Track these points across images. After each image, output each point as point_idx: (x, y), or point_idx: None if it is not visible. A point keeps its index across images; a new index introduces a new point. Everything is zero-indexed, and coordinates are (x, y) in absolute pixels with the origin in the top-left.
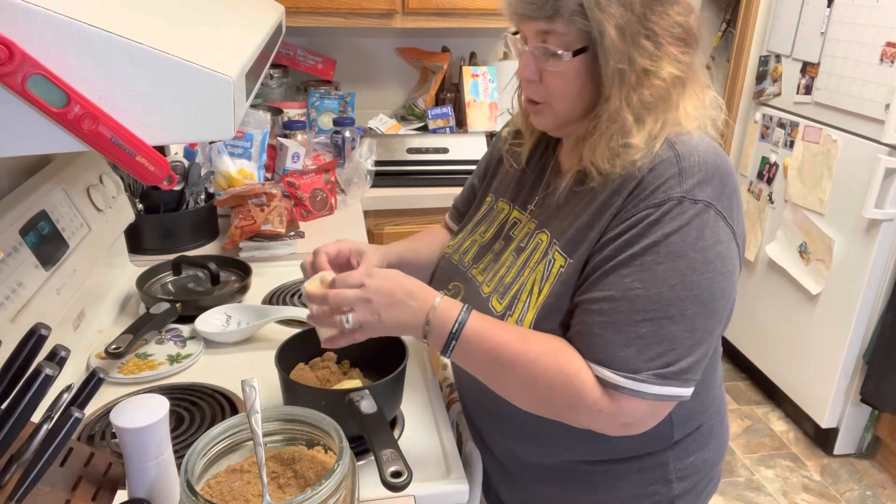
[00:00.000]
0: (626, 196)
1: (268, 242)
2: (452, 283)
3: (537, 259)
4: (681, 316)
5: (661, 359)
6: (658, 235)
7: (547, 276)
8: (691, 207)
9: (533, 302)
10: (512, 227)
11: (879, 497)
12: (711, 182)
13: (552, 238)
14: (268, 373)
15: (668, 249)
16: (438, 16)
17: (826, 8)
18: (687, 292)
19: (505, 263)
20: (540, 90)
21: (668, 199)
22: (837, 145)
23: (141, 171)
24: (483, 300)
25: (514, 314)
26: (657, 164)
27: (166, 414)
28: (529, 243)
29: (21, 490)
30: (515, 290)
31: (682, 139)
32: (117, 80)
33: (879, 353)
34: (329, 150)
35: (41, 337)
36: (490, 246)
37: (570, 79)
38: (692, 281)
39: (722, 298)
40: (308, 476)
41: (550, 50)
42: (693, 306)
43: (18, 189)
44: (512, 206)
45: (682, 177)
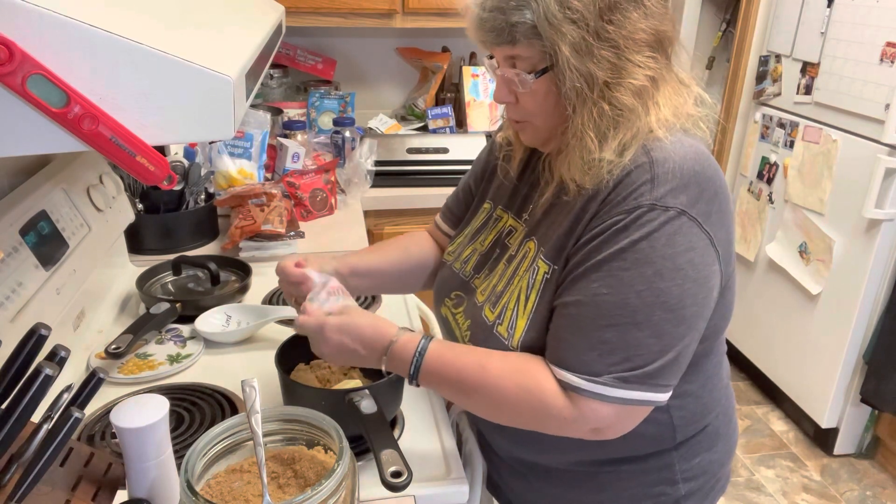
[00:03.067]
0: (601, 202)
1: (268, 242)
2: (454, 293)
3: (525, 267)
4: (647, 322)
5: (625, 363)
6: (626, 242)
7: (532, 283)
8: (662, 214)
9: (521, 310)
10: (508, 236)
11: (879, 497)
12: (687, 188)
13: (539, 246)
14: (268, 373)
15: (635, 256)
16: (438, 16)
17: (826, 8)
18: (654, 298)
19: (498, 272)
20: (518, 110)
21: (638, 206)
22: (837, 145)
23: (141, 171)
24: (478, 309)
25: (504, 322)
26: (631, 170)
27: (166, 414)
28: (519, 251)
29: (21, 490)
30: (506, 299)
31: (658, 145)
32: (117, 80)
33: (879, 353)
34: (329, 150)
35: (41, 337)
36: (490, 254)
37: (540, 98)
38: (659, 288)
39: (693, 305)
40: (308, 476)
41: (516, 73)
42: (660, 312)
43: (18, 189)
44: (509, 214)
45: (654, 183)
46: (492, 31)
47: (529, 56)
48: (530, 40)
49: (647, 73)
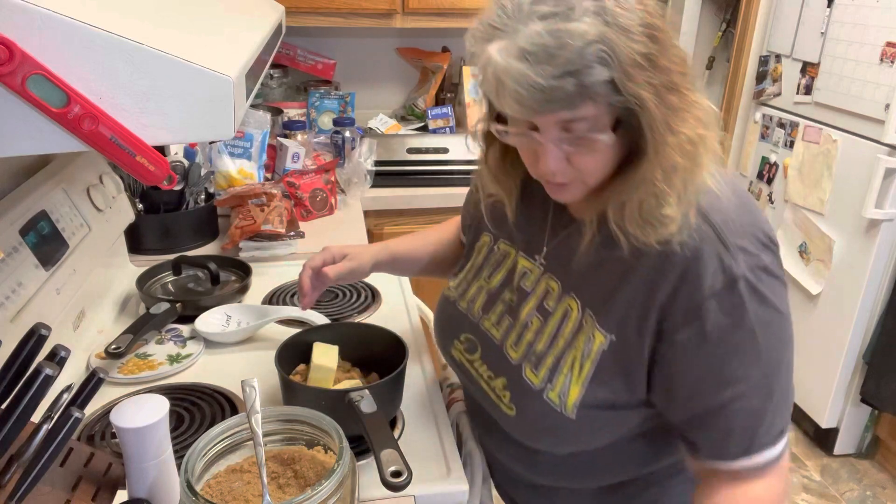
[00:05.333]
0: (676, 282)
1: (268, 242)
2: (464, 336)
3: (571, 330)
4: (787, 365)
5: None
6: (748, 318)
7: (588, 352)
8: (753, 277)
9: (575, 377)
10: (522, 278)
11: (879, 497)
12: (754, 243)
13: (584, 307)
14: (268, 373)
15: (761, 324)
16: (438, 16)
17: (826, 8)
18: (786, 344)
19: (530, 326)
20: (568, 173)
21: (732, 279)
22: (837, 145)
23: (141, 171)
24: (512, 367)
25: (556, 388)
26: (699, 244)
27: (166, 414)
28: (557, 308)
29: (21, 490)
30: (552, 363)
31: (712, 205)
32: (117, 79)
33: (879, 353)
34: (329, 150)
35: (41, 337)
36: (499, 294)
37: (606, 155)
38: (786, 333)
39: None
40: (308, 476)
41: (585, 137)
42: (788, 351)
43: (18, 189)
44: (515, 250)
45: (730, 250)
46: (550, 100)
47: (596, 115)
48: (603, 97)
49: (699, 115)
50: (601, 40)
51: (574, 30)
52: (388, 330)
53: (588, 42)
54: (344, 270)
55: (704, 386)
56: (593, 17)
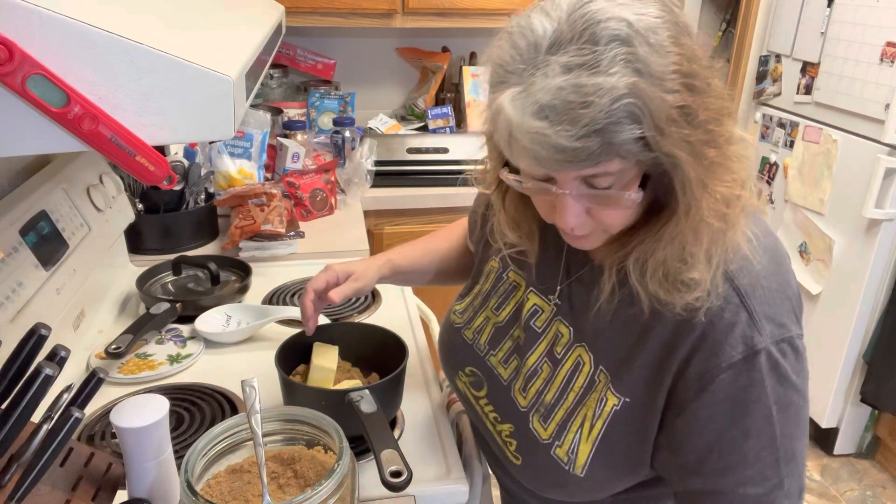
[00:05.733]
0: (692, 347)
1: (268, 242)
2: (469, 369)
3: (582, 385)
4: (801, 452)
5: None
6: (765, 398)
7: (600, 413)
8: (777, 351)
9: (585, 435)
10: (532, 317)
11: (879, 497)
12: (783, 313)
13: (597, 363)
14: (268, 373)
15: (779, 405)
16: (438, 16)
17: (826, 8)
18: (801, 429)
19: (540, 374)
20: (588, 225)
21: (753, 352)
22: (837, 145)
23: (141, 171)
24: (520, 413)
25: (564, 445)
26: (722, 308)
27: (166, 414)
28: (567, 357)
29: (21, 490)
30: (562, 417)
31: (741, 267)
32: (117, 79)
33: (879, 353)
34: (329, 150)
35: (41, 337)
36: (508, 331)
37: (631, 210)
38: (802, 417)
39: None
40: (308, 476)
41: (606, 197)
42: (804, 437)
43: (18, 189)
44: (526, 284)
45: (753, 319)
46: (572, 161)
47: (621, 169)
48: (629, 156)
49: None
50: (632, 93)
51: (602, 84)
52: (388, 330)
53: (617, 97)
54: (350, 292)
55: (710, 463)
56: (623, 66)
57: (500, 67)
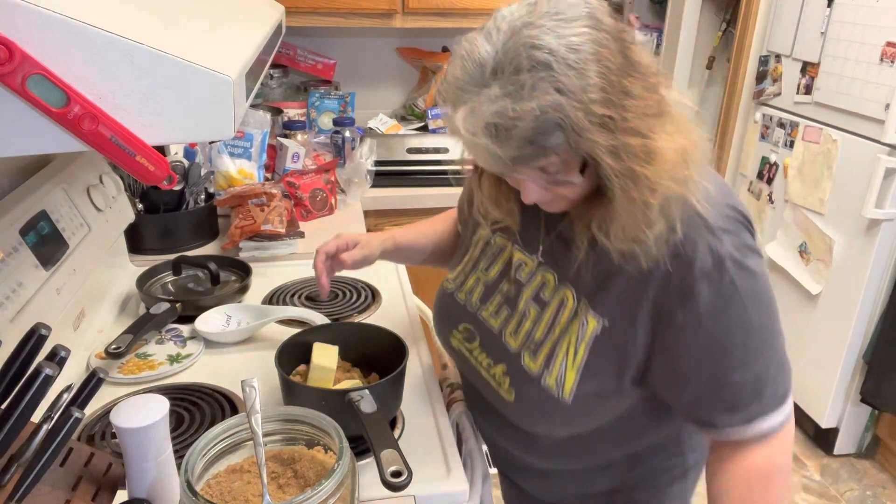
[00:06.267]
0: (667, 268)
1: (268, 242)
2: (463, 326)
3: (567, 318)
4: (778, 331)
5: (787, 377)
6: (738, 294)
7: (582, 336)
8: (739, 255)
9: (570, 363)
10: (518, 270)
11: (879, 497)
12: (734, 224)
13: (578, 296)
14: (268, 373)
15: (749, 298)
16: (438, 16)
17: (826, 8)
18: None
19: (528, 316)
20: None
21: (719, 259)
22: (837, 145)
23: (141, 171)
24: (511, 354)
25: (553, 373)
26: (686, 227)
27: (166, 414)
28: (553, 298)
29: (21, 490)
30: (549, 349)
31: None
32: (117, 79)
33: (879, 353)
34: (329, 150)
35: (41, 337)
36: (497, 286)
37: (582, 186)
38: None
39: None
40: (308, 476)
41: (556, 179)
42: (777, 320)
43: (18, 189)
44: (511, 244)
45: (714, 233)
46: (516, 163)
47: (561, 161)
48: (565, 151)
49: (674, 147)
50: (554, 109)
51: (525, 108)
52: (388, 330)
53: (539, 115)
54: (358, 257)
55: (705, 362)
56: (544, 88)
57: (452, 87)
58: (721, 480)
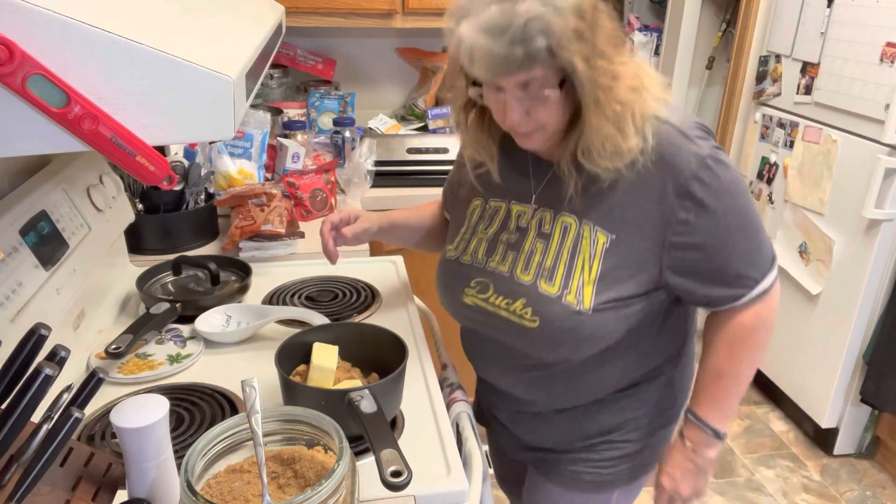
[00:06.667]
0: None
1: (268, 242)
2: (474, 281)
3: (572, 239)
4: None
5: (769, 250)
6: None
7: (594, 253)
8: (714, 153)
9: (587, 278)
10: (519, 219)
11: (879, 497)
12: (702, 133)
13: (580, 219)
14: (268, 373)
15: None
16: (438, 16)
17: (826, 8)
18: (748, 195)
19: (536, 251)
20: (529, 123)
21: (701, 158)
22: (837, 145)
23: (141, 171)
24: (528, 287)
25: (572, 291)
26: (668, 139)
27: (166, 414)
28: (554, 228)
29: (21, 490)
30: (564, 271)
31: (667, 115)
32: (117, 79)
33: (879, 353)
34: (329, 150)
35: (41, 337)
36: (498, 238)
37: (556, 108)
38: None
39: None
40: (308, 476)
41: (537, 94)
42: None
43: (18, 189)
44: (507, 201)
45: (692, 140)
46: (507, 64)
47: (544, 75)
48: (546, 60)
49: (633, 68)
50: (538, 18)
51: (518, 10)
52: (388, 330)
53: (529, 19)
54: (358, 230)
55: (713, 247)
56: (533, 1)
57: (459, 7)
58: (713, 334)
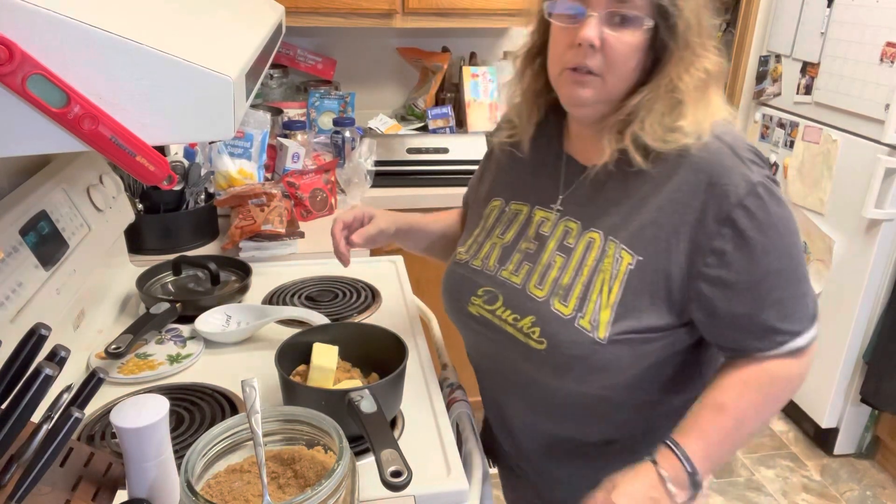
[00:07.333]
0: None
1: (268, 242)
2: (482, 290)
3: (595, 257)
4: (803, 255)
5: (811, 304)
6: (772, 218)
7: (616, 273)
8: (767, 183)
9: (605, 301)
10: (541, 226)
11: (879, 497)
12: (759, 159)
13: (606, 236)
14: (268, 373)
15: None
16: (438, 16)
17: (826, 8)
18: (798, 239)
19: (554, 265)
20: (596, 58)
21: (752, 185)
22: (837, 145)
23: (141, 171)
24: (539, 304)
25: (587, 315)
26: (719, 157)
27: (166, 414)
28: (578, 243)
29: (21, 490)
30: (581, 291)
31: (723, 129)
32: (117, 79)
33: (879, 353)
34: (329, 150)
35: (41, 337)
36: (515, 246)
37: (634, 48)
38: (797, 229)
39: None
40: (308, 476)
41: (629, 15)
42: (801, 246)
43: (18, 189)
44: (531, 205)
45: (745, 163)
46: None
47: (638, 11)
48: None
49: (717, 64)
50: None
51: None
52: (388, 330)
53: None
54: (372, 232)
55: (745, 286)
56: None
57: None
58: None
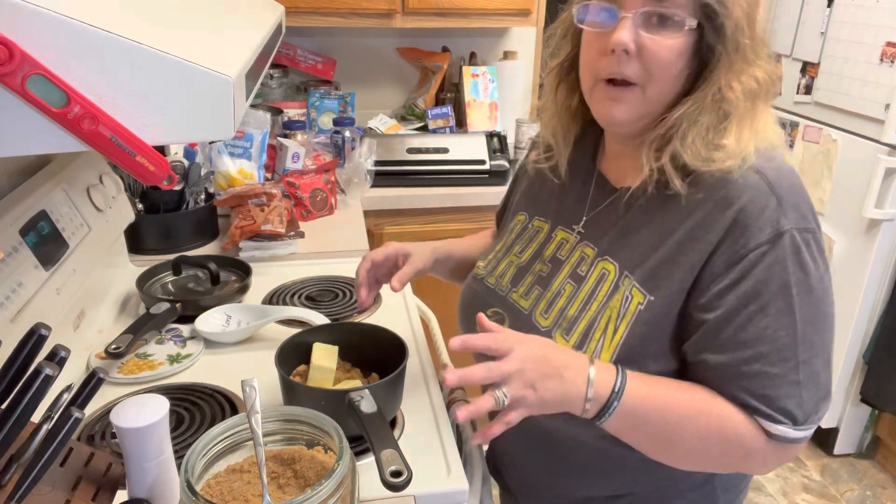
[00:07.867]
0: (723, 233)
1: (268, 242)
2: (492, 310)
3: (606, 292)
4: (821, 346)
5: (815, 396)
6: (786, 276)
7: (624, 313)
8: (800, 238)
9: (608, 341)
10: (559, 249)
11: (879, 497)
12: (807, 209)
13: (622, 269)
14: (268, 373)
15: (798, 288)
16: (438, 16)
17: (826, 8)
18: (822, 323)
19: (563, 293)
20: (632, 66)
21: (778, 233)
22: (837, 145)
23: (141, 171)
24: (540, 333)
25: (587, 352)
26: (751, 194)
27: (166, 414)
28: (591, 272)
29: (21, 490)
30: (585, 326)
31: (767, 164)
32: (117, 80)
33: (879, 353)
34: (329, 150)
35: (41, 337)
36: (529, 267)
37: (676, 53)
38: (824, 312)
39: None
40: (308, 476)
41: (669, 14)
42: (825, 333)
43: (18, 189)
44: (553, 225)
45: (781, 206)
46: None
47: (679, 10)
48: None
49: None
50: None
51: None
52: (388, 330)
53: None
54: (409, 275)
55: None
56: None
57: None
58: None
